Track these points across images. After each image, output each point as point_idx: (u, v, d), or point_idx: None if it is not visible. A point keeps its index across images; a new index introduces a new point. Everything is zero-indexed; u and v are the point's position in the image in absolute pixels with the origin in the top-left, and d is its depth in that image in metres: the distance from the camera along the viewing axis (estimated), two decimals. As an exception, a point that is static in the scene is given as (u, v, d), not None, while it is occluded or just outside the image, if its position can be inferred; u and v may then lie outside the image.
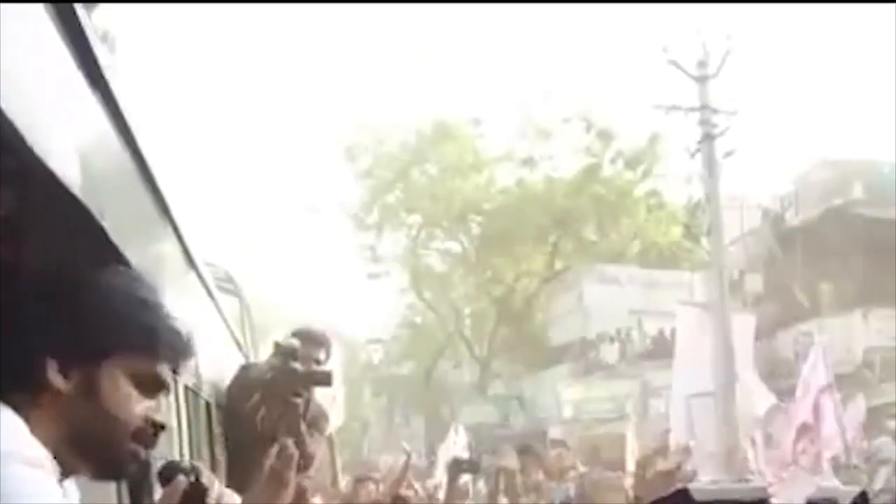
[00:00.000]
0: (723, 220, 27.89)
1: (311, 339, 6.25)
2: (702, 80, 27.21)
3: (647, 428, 33.93)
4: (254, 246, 45.46)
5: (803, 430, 15.92)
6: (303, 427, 6.10)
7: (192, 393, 4.97)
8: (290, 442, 3.50)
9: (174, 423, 4.22)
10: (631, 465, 16.31)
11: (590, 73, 56.35)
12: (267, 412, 6.04)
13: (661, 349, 33.36)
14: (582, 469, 15.15)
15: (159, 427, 2.38)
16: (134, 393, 2.32)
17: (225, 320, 7.50)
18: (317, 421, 6.33)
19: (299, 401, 6.08)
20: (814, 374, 16.19)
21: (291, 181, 56.74)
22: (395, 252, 46.37)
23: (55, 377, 2.21)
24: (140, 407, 2.33)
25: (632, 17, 64.18)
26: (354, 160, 44.41)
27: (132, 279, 2.45)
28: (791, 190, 35.21)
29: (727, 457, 20.47)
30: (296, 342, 6.10)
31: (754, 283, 35.08)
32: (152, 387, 2.37)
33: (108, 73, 2.67)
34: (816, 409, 15.78)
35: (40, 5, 1.96)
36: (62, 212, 2.17)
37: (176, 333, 2.44)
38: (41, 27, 2.01)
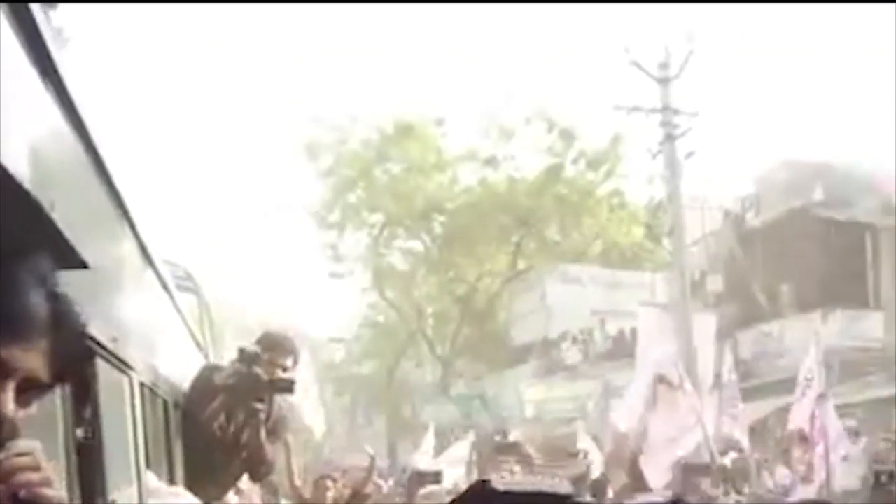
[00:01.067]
0: (684, 221, 28.02)
1: (279, 346, 6.24)
2: (663, 81, 27.34)
3: (609, 427, 34.06)
4: (214, 244, 45.42)
5: (799, 437, 15.99)
6: (263, 434, 6.09)
7: (149, 391, 4.95)
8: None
9: (129, 420, 4.20)
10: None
11: (552, 73, 56.50)
12: (228, 418, 6.02)
13: (623, 349, 33.46)
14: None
15: None
16: None
17: (184, 318, 7.48)
18: (277, 427, 6.32)
19: (261, 407, 6.07)
20: (809, 381, 16.20)
21: (252, 179, 56.60)
22: (358, 251, 46.33)
23: None
24: None
25: (594, 17, 64.40)
26: (316, 158, 44.29)
27: None
28: (752, 191, 35.35)
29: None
30: (259, 348, 6.10)
31: (715, 283, 35.19)
32: None
33: (61, 68, 2.65)
34: (813, 416, 15.78)
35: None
36: (10, 204, 2.12)
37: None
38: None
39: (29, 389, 2.06)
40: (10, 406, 2.01)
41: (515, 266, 44.39)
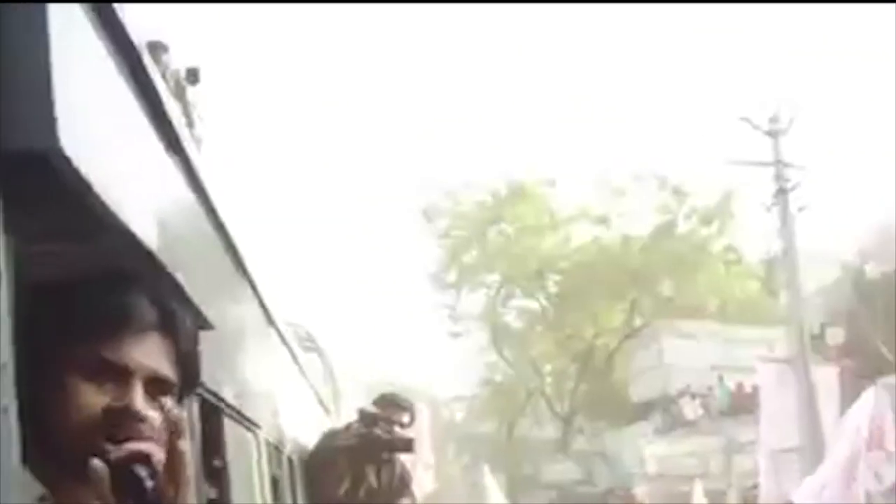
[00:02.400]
0: (801, 274, 27.72)
1: (396, 404, 6.37)
2: (774, 134, 27.17)
3: (733, 483, 33.63)
4: (336, 306, 45.70)
5: None
6: (389, 494, 6.21)
7: (275, 448, 5.07)
8: None
9: (255, 476, 4.31)
10: None
11: (662, 130, 56.28)
12: (351, 482, 6.15)
13: (743, 405, 33.11)
14: None
15: (122, 412, 2.05)
16: (87, 385, 2.04)
17: (307, 379, 7.61)
18: (402, 485, 6.43)
19: (381, 467, 6.19)
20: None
21: (371, 243, 56.93)
22: (475, 311, 46.45)
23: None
24: (99, 398, 2.04)
25: (702, 73, 64.10)
26: (432, 221, 44.65)
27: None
28: (869, 243, 34.87)
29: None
30: (377, 409, 6.23)
31: (836, 336, 34.70)
32: (114, 373, 2.07)
33: (186, 142, 2.80)
34: None
35: (116, 71, 2.08)
36: (138, 269, 2.22)
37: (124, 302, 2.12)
38: (120, 94, 2.13)
39: (159, 390, 2.13)
40: (139, 404, 2.07)
41: (631, 323, 44.19)
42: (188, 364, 2.26)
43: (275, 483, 4.93)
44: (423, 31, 73.21)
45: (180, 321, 2.24)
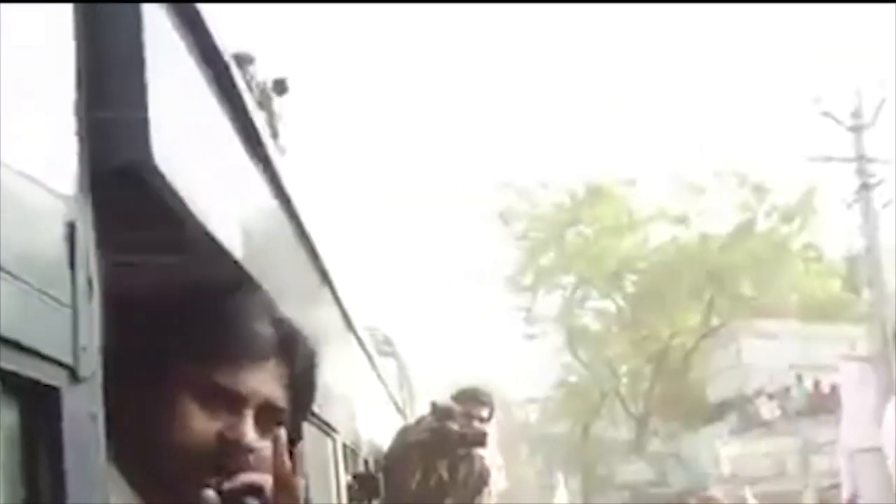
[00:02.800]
0: (884, 272, 27.42)
1: (474, 398, 6.35)
2: (856, 129, 26.89)
3: (810, 484, 33.33)
4: (413, 309, 45.83)
5: None
6: (465, 491, 6.19)
7: (352, 451, 5.09)
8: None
9: (332, 480, 4.34)
10: None
11: (741, 126, 55.98)
12: (422, 474, 6.13)
13: (821, 405, 32.80)
14: None
15: (234, 445, 1.98)
16: (198, 410, 1.98)
17: (384, 383, 7.64)
18: (480, 482, 6.41)
19: (457, 462, 6.17)
20: None
21: (449, 246, 57.01)
22: (550, 312, 46.44)
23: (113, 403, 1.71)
24: (210, 425, 1.98)
25: (783, 67, 63.63)
26: (509, 224, 44.70)
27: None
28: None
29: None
30: (451, 403, 6.21)
31: (919, 335, 34.29)
32: (226, 399, 2.00)
33: (270, 149, 2.80)
34: None
35: (204, 83, 2.08)
36: (223, 278, 2.21)
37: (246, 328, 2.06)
38: (207, 104, 2.13)
39: (271, 419, 2.04)
40: (251, 435, 1.99)
41: (709, 323, 43.93)
42: (302, 389, 2.15)
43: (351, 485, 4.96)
44: (498, 34, 73.16)
45: (299, 343, 2.15)
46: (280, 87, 8.98)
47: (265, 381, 2.04)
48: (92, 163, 1.49)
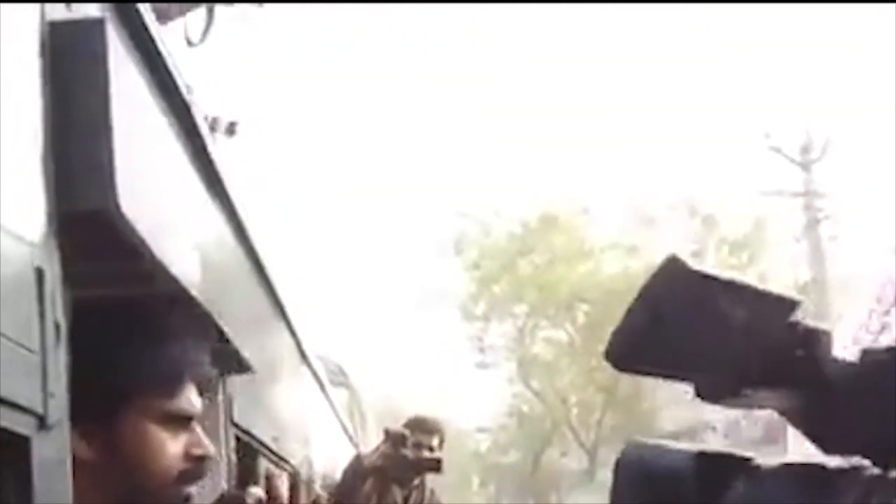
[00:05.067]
0: (831, 304, 27.65)
1: (424, 427, 6.35)
2: (805, 165, 27.16)
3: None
4: (363, 337, 45.73)
5: None
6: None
7: (305, 485, 5.09)
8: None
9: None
10: None
11: (693, 159, 56.28)
12: (378, 501, 6.13)
13: (773, 435, 32.94)
14: None
15: (202, 459, 2.18)
16: (165, 435, 2.12)
17: (337, 413, 7.63)
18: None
19: (408, 488, 6.17)
20: None
21: (401, 274, 56.94)
22: (502, 342, 46.40)
23: (77, 445, 1.87)
24: (176, 446, 2.14)
25: (734, 103, 64.12)
26: (461, 252, 44.69)
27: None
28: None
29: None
30: (405, 430, 6.21)
31: (865, 367, 34.50)
32: (183, 420, 2.16)
33: (227, 181, 2.82)
34: None
35: (167, 124, 2.10)
36: (183, 312, 2.24)
37: (186, 356, 2.20)
38: (167, 141, 2.15)
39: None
40: (210, 446, 2.23)
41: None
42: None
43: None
44: (455, 62, 73.30)
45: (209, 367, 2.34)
46: (231, 129, 8.97)
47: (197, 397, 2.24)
48: (59, 208, 1.51)
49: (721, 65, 64.67)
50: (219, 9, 5.99)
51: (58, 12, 1.56)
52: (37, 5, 1.51)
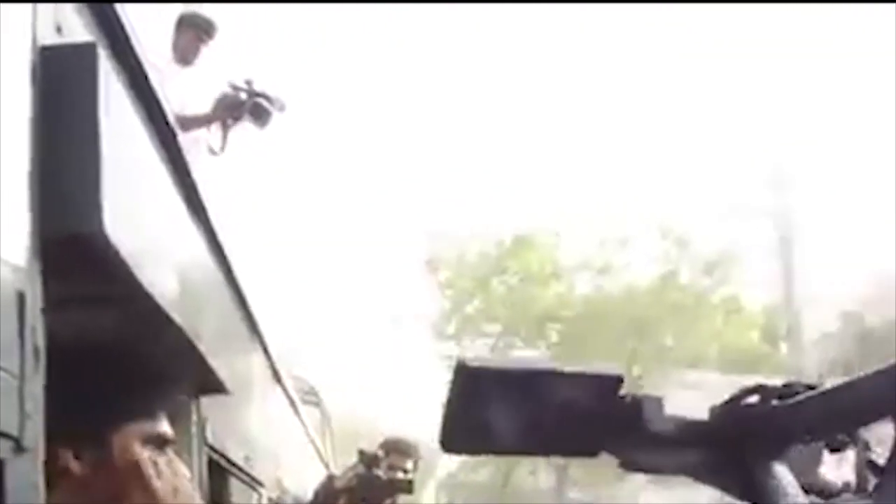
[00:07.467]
0: (801, 323, 27.74)
1: (400, 449, 6.34)
2: (777, 185, 27.30)
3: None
4: (335, 356, 45.68)
5: None
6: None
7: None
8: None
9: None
10: None
11: (665, 179, 56.55)
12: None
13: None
14: None
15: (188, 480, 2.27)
16: (148, 455, 2.18)
17: (309, 433, 7.61)
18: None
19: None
20: None
21: (374, 293, 56.89)
22: (475, 361, 46.42)
23: (72, 464, 2.01)
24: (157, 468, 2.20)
25: (707, 123, 64.36)
26: (434, 271, 44.72)
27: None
28: (870, 291, 34.90)
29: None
30: (379, 451, 6.20)
31: (835, 386, 34.59)
32: (162, 444, 2.24)
33: (207, 203, 2.82)
34: None
35: (152, 149, 2.10)
36: (162, 335, 2.24)
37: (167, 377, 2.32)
38: (150, 163, 2.15)
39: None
40: (184, 467, 2.33)
41: (631, 372, 44.08)
42: None
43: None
44: (428, 80, 73.34)
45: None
46: (211, 152, 8.99)
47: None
48: (44, 232, 1.51)
49: (692, 84, 64.87)
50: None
51: (49, 38, 1.57)
52: (28, 31, 1.51)
